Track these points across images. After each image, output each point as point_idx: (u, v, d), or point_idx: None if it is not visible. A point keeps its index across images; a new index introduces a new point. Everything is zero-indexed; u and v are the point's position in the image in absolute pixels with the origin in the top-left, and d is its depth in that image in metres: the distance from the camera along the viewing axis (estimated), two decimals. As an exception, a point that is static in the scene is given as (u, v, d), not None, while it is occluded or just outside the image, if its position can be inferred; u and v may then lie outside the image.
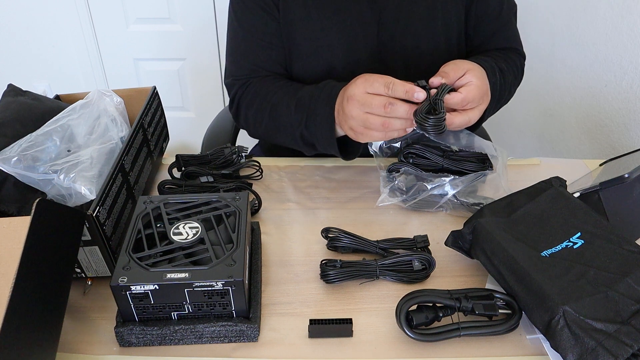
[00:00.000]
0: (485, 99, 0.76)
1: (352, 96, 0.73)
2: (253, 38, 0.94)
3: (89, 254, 0.65)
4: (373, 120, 0.72)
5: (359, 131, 0.75)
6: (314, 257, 0.73)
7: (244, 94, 0.95)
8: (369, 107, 0.72)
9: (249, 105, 0.93)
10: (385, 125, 0.72)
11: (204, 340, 0.61)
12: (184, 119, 2.17)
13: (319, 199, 0.86)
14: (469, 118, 0.74)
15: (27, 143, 0.69)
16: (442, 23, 0.92)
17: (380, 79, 0.71)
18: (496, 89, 0.85)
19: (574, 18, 1.37)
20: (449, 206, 0.81)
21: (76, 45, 2.01)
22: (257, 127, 0.94)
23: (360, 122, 0.73)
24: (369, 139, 0.76)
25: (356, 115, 0.73)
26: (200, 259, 0.60)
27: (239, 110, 0.97)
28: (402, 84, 0.70)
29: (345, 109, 0.75)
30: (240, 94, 0.96)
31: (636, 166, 0.69)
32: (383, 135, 0.74)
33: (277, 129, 0.90)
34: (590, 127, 1.34)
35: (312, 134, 0.84)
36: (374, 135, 0.75)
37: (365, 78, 0.73)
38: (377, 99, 0.71)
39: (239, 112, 0.97)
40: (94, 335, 0.62)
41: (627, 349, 0.50)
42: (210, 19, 1.95)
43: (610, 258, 0.59)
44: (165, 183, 0.82)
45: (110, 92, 0.84)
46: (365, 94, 0.72)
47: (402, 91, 0.70)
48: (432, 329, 0.59)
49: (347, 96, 0.74)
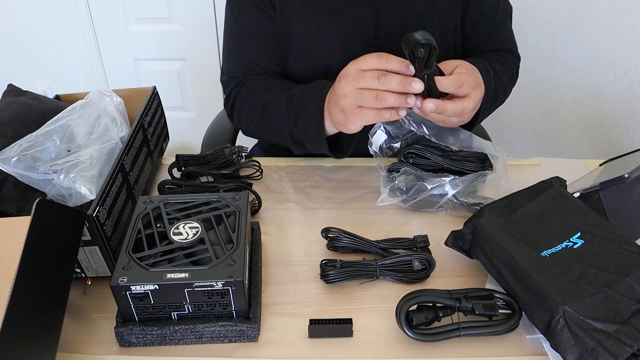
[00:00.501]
0: (479, 89, 0.75)
1: (345, 74, 0.72)
2: (249, 36, 0.94)
3: (89, 254, 0.65)
4: (366, 94, 0.70)
5: (351, 111, 0.73)
6: (314, 257, 0.73)
7: (238, 92, 0.95)
8: (362, 80, 0.70)
9: (242, 103, 0.94)
10: (378, 99, 0.69)
11: (204, 340, 0.61)
12: (184, 119, 2.17)
13: (319, 199, 0.86)
14: (462, 106, 0.72)
15: (27, 143, 0.69)
16: (439, 23, 0.92)
17: (373, 54, 0.71)
18: (490, 88, 0.85)
19: (574, 18, 1.37)
20: (449, 206, 0.81)
21: (76, 45, 2.01)
22: (249, 125, 0.94)
23: (353, 100, 0.72)
24: (361, 119, 0.73)
25: (348, 92, 0.72)
26: (200, 259, 0.60)
27: (233, 108, 0.97)
28: (396, 57, 0.70)
29: (336, 89, 0.74)
30: (235, 92, 0.96)
31: (636, 166, 0.69)
32: (375, 114, 0.72)
33: (268, 127, 0.90)
34: (590, 127, 1.34)
35: (301, 131, 0.84)
36: (367, 115, 0.72)
37: (358, 58, 0.72)
38: (370, 72, 0.70)
39: (233, 110, 0.98)
40: (94, 335, 0.62)
41: (627, 349, 0.50)
42: (210, 19, 1.95)
43: (610, 258, 0.59)
44: (165, 183, 0.82)
45: (110, 92, 0.84)
46: (358, 70, 0.71)
47: (397, 62, 0.69)
48: (432, 329, 0.59)
49: (340, 76, 0.74)
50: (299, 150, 0.89)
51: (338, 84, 0.74)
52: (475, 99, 0.74)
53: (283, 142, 0.90)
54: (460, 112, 0.72)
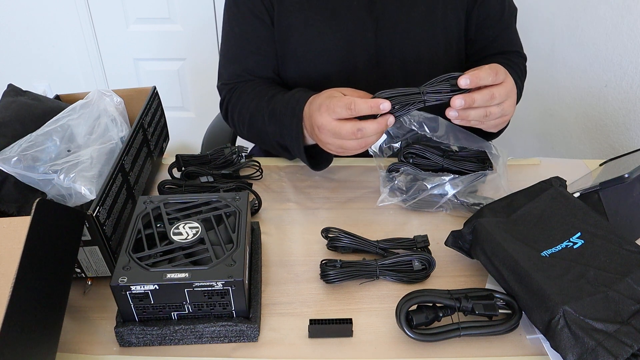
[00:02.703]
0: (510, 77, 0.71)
1: (321, 126, 0.72)
2: (243, 43, 0.94)
3: (89, 254, 0.65)
4: (348, 144, 0.72)
5: (338, 152, 0.75)
6: (314, 257, 0.73)
7: (231, 99, 0.96)
8: (340, 135, 0.71)
9: (233, 110, 0.95)
10: (361, 145, 0.72)
11: (204, 340, 0.61)
12: (184, 119, 2.17)
13: (319, 199, 0.86)
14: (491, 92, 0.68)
15: (27, 143, 0.69)
16: (441, 28, 0.91)
17: (340, 102, 0.69)
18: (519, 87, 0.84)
19: (574, 18, 1.37)
20: (449, 206, 0.81)
21: (76, 45, 2.01)
22: (242, 132, 0.96)
23: (337, 147, 0.74)
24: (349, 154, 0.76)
25: (331, 142, 0.73)
26: (200, 259, 0.60)
27: (227, 114, 0.99)
28: (364, 102, 0.68)
29: (319, 137, 0.74)
30: (228, 98, 0.97)
31: (636, 166, 0.69)
32: (362, 149, 0.74)
33: (257, 136, 0.93)
34: (590, 127, 1.34)
35: (287, 143, 0.85)
36: (354, 152, 0.74)
37: (327, 105, 0.71)
38: (345, 127, 0.70)
39: (227, 116, 0.99)
40: (94, 335, 0.62)
41: (627, 349, 0.50)
42: (210, 19, 1.95)
43: (610, 258, 0.59)
44: (165, 183, 0.82)
45: (110, 92, 0.84)
46: (333, 122, 0.71)
47: (366, 109, 0.68)
48: (432, 329, 0.59)
49: (317, 125, 0.73)
50: (290, 158, 0.91)
51: (319, 133, 0.73)
52: (508, 85, 0.70)
53: (273, 151, 0.92)
54: (490, 98, 0.69)
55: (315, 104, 0.75)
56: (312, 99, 0.78)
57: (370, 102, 0.68)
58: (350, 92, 0.74)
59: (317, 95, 0.77)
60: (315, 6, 0.90)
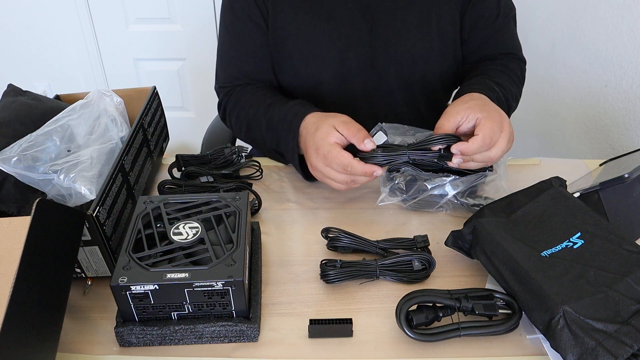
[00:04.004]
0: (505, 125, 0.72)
1: (315, 167, 0.76)
2: (239, 47, 0.95)
3: (89, 254, 0.65)
4: (338, 186, 0.76)
5: (323, 180, 0.78)
6: (314, 257, 0.73)
7: (228, 102, 0.97)
8: (332, 179, 0.75)
9: (231, 114, 0.96)
10: (346, 181, 0.75)
11: (204, 340, 0.61)
12: (184, 119, 2.17)
13: (319, 199, 0.86)
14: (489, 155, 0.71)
15: (27, 143, 0.69)
16: (436, 29, 0.91)
17: (337, 160, 0.72)
18: (502, 101, 0.83)
19: (574, 18, 1.37)
20: (449, 206, 0.81)
21: (76, 45, 2.01)
22: (240, 135, 0.97)
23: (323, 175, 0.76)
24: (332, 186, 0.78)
25: (322, 178, 0.77)
26: (200, 259, 0.60)
27: (225, 116, 1.00)
28: (361, 167, 0.72)
29: (310, 159, 0.77)
30: (225, 101, 0.98)
31: (636, 166, 0.69)
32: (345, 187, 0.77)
33: (255, 142, 0.94)
34: (590, 127, 1.34)
35: (283, 152, 0.86)
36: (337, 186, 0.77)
37: (325, 155, 0.73)
38: (339, 177, 0.74)
39: (225, 118, 1.00)
40: (94, 335, 0.62)
41: (627, 349, 0.50)
42: (210, 19, 1.95)
43: (610, 258, 0.59)
44: (165, 183, 0.82)
45: (110, 92, 0.84)
46: (327, 168, 0.74)
47: (361, 172, 0.72)
48: (432, 329, 0.59)
49: (311, 163, 0.77)
50: (287, 163, 0.92)
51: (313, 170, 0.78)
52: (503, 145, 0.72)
53: (270, 156, 0.94)
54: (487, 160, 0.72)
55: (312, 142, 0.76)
56: (310, 118, 0.79)
57: (366, 168, 0.72)
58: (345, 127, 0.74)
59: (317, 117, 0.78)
60: (310, 10, 0.90)
